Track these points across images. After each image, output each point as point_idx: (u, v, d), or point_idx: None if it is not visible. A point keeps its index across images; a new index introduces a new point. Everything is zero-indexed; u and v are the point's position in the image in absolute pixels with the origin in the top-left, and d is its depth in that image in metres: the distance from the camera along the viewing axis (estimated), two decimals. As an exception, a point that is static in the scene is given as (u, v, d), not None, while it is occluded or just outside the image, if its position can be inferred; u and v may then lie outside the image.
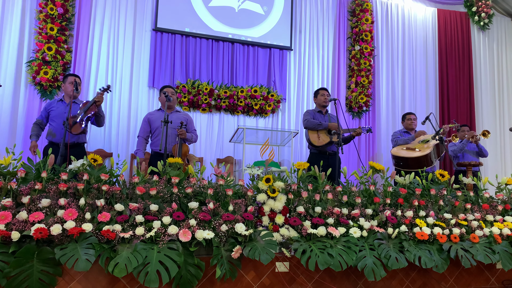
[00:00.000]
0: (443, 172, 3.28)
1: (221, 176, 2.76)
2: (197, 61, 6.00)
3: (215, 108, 5.99)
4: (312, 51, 6.65)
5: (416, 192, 3.05)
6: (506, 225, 3.05)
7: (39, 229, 2.05)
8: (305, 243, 2.50)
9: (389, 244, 2.66)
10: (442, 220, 2.94)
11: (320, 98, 4.83)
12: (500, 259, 2.77)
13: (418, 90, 7.15)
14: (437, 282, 2.80)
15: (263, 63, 6.33)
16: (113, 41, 5.66)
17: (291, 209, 2.71)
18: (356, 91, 6.62)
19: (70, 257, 2.01)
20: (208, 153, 5.89)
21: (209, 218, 2.41)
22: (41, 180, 2.41)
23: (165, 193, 2.54)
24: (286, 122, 6.36)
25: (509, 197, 3.37)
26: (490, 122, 7.50)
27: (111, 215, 2.31)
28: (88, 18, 5.56)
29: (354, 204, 2.88)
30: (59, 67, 5.24)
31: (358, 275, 2.63)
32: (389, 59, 7.05)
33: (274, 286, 2.46)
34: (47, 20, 5.24)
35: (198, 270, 2.23)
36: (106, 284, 2.18)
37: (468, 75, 7.38)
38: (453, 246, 2.73)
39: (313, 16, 6.74)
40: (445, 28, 7.44)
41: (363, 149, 6.67)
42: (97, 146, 5.36)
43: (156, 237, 2.24)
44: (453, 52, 7.39)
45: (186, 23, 6.00)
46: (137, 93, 5.69)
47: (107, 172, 2.57)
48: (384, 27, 7.13)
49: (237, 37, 6.23)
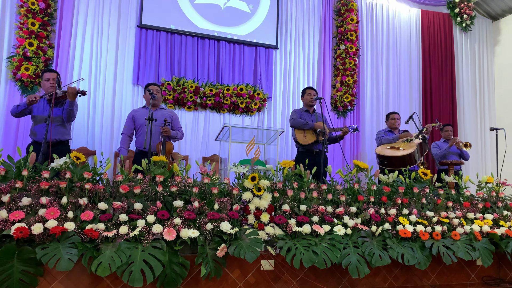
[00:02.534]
0: (425, 170, 3.33)
1: (206, 174, 2.75)
2: (182, 58, 5.95)
3: (200, 106, 5.96)
4: (298, 50, 6.67)
5: (399, 190, 3.09)
6: (486, 223, 3.12)
7: (19, 228, 2.01)
8: (290, 241, 2.51)
9: (372, 242, 2.69)
10: (425, 218, 2.98)
11: (307, 98, 4.85)
12: (480, 255, 2.83)
13: (402, 90, 7.24)
14: (419, 278, 2.85)
15: (249, 62, 6.32)
16: (96, 37, 5.57)
17: (276, 208, 2.72)
18: (341, 90, 6.67)
19: (51, 257, 1.98)
20: (194, 151, 5.85)
21: (194, 216, 2.40)
22: (22, 179, 2.36)
23: (149, 191, 2.52)
24: (272, 121, 6.37)
25: (489, 195, 3.45)
26: (471, 121, 7.65)
27: (95, 214, 2.28)
28: (71, 13, 5.46)
29: (339, 202, 2.91)
30: (41, 63, 5.13)
31: (343, 272, 2.66)
32: (374, 59, 7.12)
33: (259, 284, 2.47)
34: (28, 15, 5.12)
35: (183, 269, 2.22)
36: (89, 283, 2.15)
37: (451, 75, 7.52)
38: (435, 243, 2.78)
39: (299, 15, 6.76)
40: (429, 29, 7.55)
41: (347, 148, 6.73)
42: (80, 144, 5.28)
43: (140, 236, 2.22)
44: (436, 52, 7.51)
45: (171, 20, 5.95)
46: (121, 91, 5.62)
47: (90, 170, 2.53)
48: (369, 27, 7.20)
49: (223, 35, 6.20)
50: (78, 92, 3.67)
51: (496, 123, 7.80)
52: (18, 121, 5.00)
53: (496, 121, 7.83)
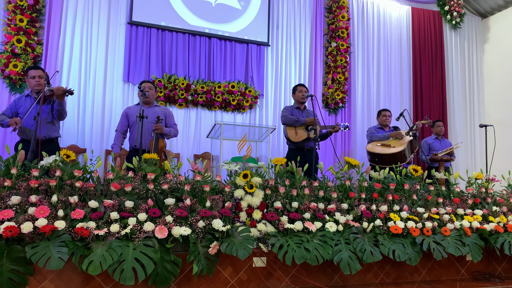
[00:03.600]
0: (416, 167, 3.36)
1: (198, 172, 2.74)
2: (173, 55, 5.92)
3: (192, 103, 5.93)
4: (289, 47, 6.67)
5: (390, 187, 3.11)
6: (475, 219, 3.15)
7: (8, 227, 1.99)
8: (282, 238, 2.51)
9: (364, 238, 2.71)
10: (416, 214, 3.01)
11: (298, 95, 4.85)
12: (470, 251, 2.87)
13: (392, 87, 7.28)
14: (410, 274, 2.87)
15: (240, 59, 6.30)
16: (86, 34, 5.51)
17: (268, 205, 2.72)
18: (332, 87, 6.68)
19: (41, 256, 1.96)
20: (185, 149, 5.83)
21: (186, 214, 2.39)
22: (11, 177, 2.33)
23: (140, 189, 2.50)
24: (264, 118, 6.37)
25: (479, 191, 3.49)
26: (461, 118, 7.72)
27: (85, 212, 2.26)
28: (60, 9, 5.39)
29: (330, 199, 2.92)
30: (29, 60, 5.07)
31: (334, 269, 2.67)
32: (365, 56, 7.15)
33: (251, 281, 2.47)
34: (16, 11, 5.05)
35: (174, 267, 2.21)
36: (80, 282, 2.13)
37: (441, 72, 7.58)
38: (425, 239, 2.81)
39: (290, 12, 6.76)
40: (419, 26, 7.60)
41: (339, 145, 6.75)
42: (70, 141, 5.23)
43: (132, 234, 2.21)
44: (427, 49, 7.56)
45: (162, 17, 5.91)
46: (112, 88, 5.57)
47: (80, 168, 2.51)
48: (360, 25, 7.22)
49: (214, 31, 6.17)
50: (66, 92, 3.62)
51: (485, 119, 7.89)
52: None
53: (485, 118, 7.92)
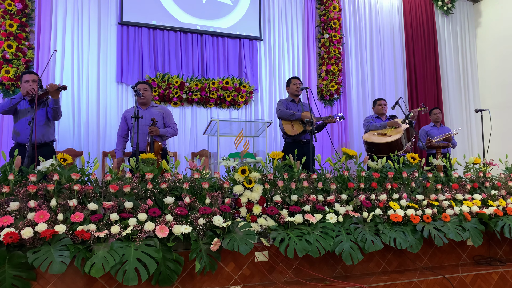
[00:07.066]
0: (414, 155, 3.37)
1: (196, 169, 2.74)
2: (165, 54, 5.89)
3: (186, 101, 5.92)
4: (282, 41, 6.65)
5: (388, 175, 3.11)
6: (474, 203, 3.17)
7: (9, 233, 1.98)
8: (283, 231, 2.52)
9: (364, 228, 2.72)
10: (415, 201, 3.02)
11: (293, 87, 4.84)
12: (470, 236, 2.88)
13: (387, 76, 7.28)
14: (412, 261, 2.89)
15: (233, 54, 6.28)
16: (77, 36, 5.47)
17: (268, 199, 2.72)
18: (326, 79, 6.68)
19: (43, 261, 1.95)
20: (182, 147, 5.82)
21: (186, 212, 2.39)
22: (8, 183, 2.32)
23: (139, 189, 2.50)
24: (260, 113, 6.36)
25: (477, 176, 3.50)
26: (456, 104, 7.74)
27: (85, 215, 2.25)
28: (49, 13, 5.35)
29: (329, 191, 2.92)
30: (21, 65, 5.03)
31: (336, 259, 2.68)
32: (358, 46, 7.14)
33: (254, 276, 2.48)
34: (5, 16, 5.01)
35: (177, 265, 2.22)
36: (83, 285, 2.13)
37: (434, 59, 7.58)
38: (426, 226, 2.82)
39: (281, 5, 6.73)
40: (411, 14, 7.58)
41: (335, 136, 6.76)
42: (66, 145, 5.21)
43: (133, 235, 2.21)
44: (419, 37, 7.55)
45: (152, 16, 5.87)
46: (105, 90, 5.54)
47: (78, 171, 2.50)
48: (352, 15, 7.20)
49: (206, 28, 6.14)
50: (59, 88, 3.61)
51: (481, 104, 7.91)
52: (1, 124, 4.92)
53: (481, 102, 7.95)
